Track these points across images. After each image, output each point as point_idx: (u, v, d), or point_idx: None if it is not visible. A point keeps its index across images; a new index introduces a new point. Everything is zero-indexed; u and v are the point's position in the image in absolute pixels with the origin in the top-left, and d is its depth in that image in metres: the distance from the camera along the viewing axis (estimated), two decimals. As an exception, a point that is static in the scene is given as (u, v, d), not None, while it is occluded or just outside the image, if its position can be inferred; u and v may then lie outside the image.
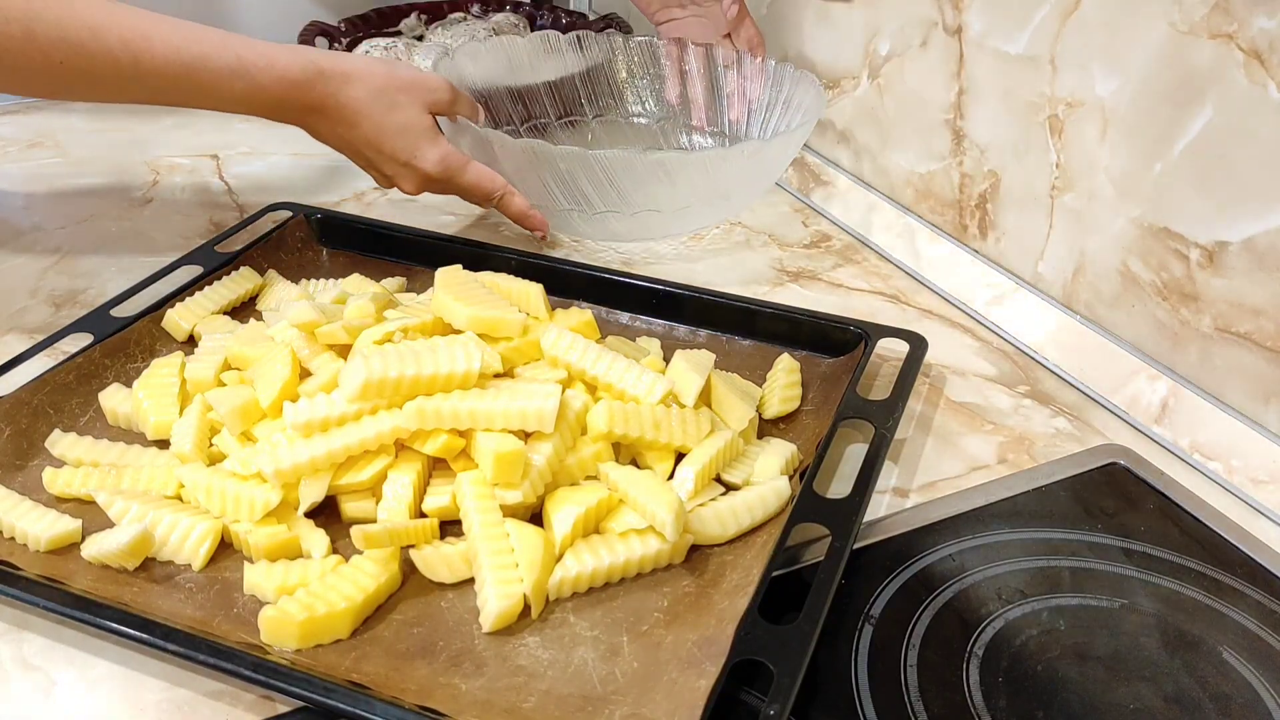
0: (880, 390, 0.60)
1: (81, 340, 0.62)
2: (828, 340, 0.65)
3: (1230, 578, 0.51)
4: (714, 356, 0.60)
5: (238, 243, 0.73)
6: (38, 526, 0.49)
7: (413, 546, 0.50)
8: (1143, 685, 0.46)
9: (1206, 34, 0.57)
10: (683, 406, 0.55)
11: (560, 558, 0.49)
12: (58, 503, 0.52)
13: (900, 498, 0.56)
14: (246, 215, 0.78)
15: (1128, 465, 0.58)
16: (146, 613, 0.45)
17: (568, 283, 0.69)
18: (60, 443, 0.55)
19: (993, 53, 0.71)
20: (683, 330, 0.68)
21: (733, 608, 0.46)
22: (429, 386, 0.51)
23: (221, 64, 0.63)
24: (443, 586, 0.49)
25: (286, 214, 0.76)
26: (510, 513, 0.50)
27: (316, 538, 0.50)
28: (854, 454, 0.57)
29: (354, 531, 0.49)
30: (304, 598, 0.46)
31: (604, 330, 0.64)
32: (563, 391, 0.52)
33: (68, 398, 0.59)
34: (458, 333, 0.57)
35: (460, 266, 0.63)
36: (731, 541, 0.51)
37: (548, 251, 0.79)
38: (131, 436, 0.57)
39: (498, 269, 0.67)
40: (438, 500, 0.51)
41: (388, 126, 0.69)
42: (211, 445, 0.55)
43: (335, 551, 0.50)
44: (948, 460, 0.59)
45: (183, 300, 0.66)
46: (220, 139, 0.96)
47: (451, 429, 0.51)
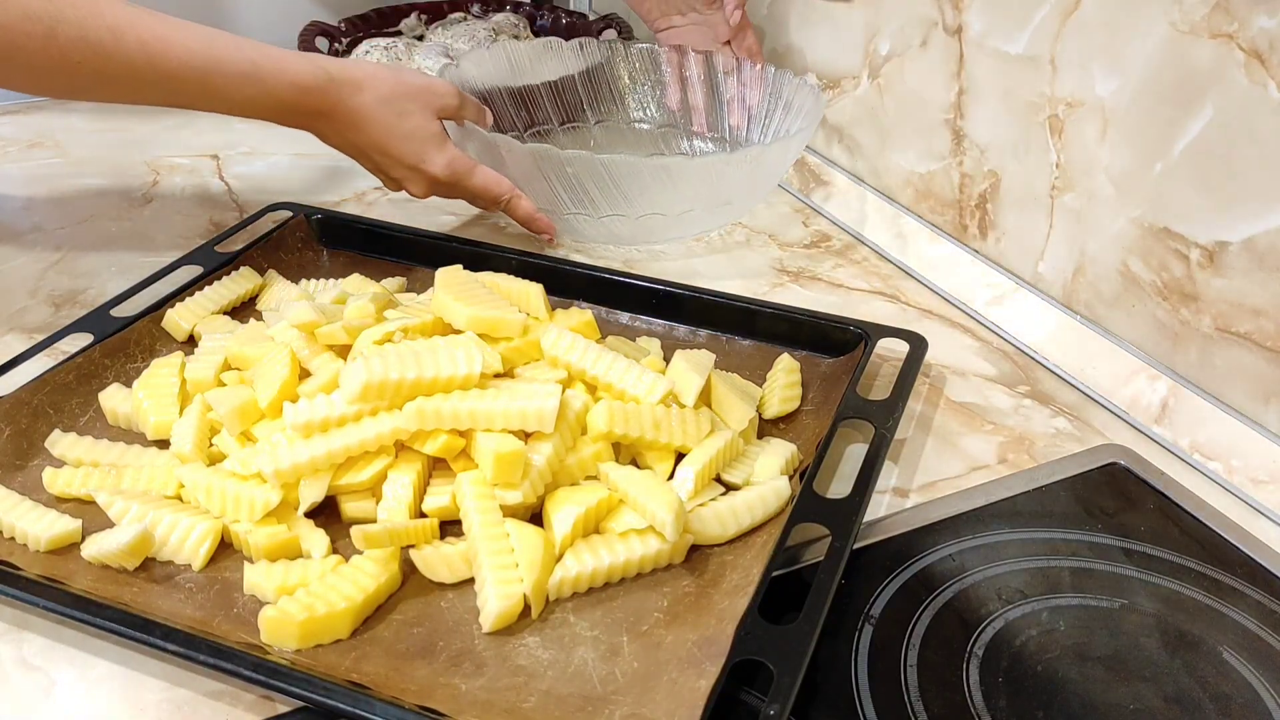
0: (880, 390, 0.60)
1: (81, 340, 0.62)
2: (828, 340, 0.65)
3: (1230, 578, 0.51)
4: (714, 356, 0.60)
5: (238, 243, 0.73)
6: (38, 526, 0.49)
7: (413, 546, 0.50)
8: (1143, 685, 0.46)
9: (1206, 34, 0.57)
10: (683, 406, 0.55)
11: (560, 558, 0.49)
12: (58, 503, 0.52)
13: (900, 498, 0.56)
14: (246, 215, 0.78)
15: (1128, 465, 0.58)
16: (146, 613, 0.45)
17: (568, 283, 0.69)
18: (60, 443, 0.55)
19: (993, 53, 0.71)
20: (683, 330, 0.68)
21: (733, 608, 0.46)
22: (429, 389, 0.51)
23: (235, 69, 0.64)
24: (443, 586, 0.49)
25: (286, 214, 0.76)
26: (510, 513, 0.50)
27: (316, 538, 0.50)
28: (854, 454, 0.57)
29: (354, 531, 0.49)
30: (304, 598, 0.46)
31: (604, 330, 0.64)
32: (563, 391, 0.52)
33: (68, 398, 0.59)
34: (458, 333, 0.57)
35: (460, 266, 0.63)
36: (731, 541, 0.51)
37: (548, 251, 0.79)
38: (131, 436, 0.57)
39: (498, 269, 0.67)
40: (438, 500, 0.51)
41: (396, 132, 0.70)
42: (211, 445, 0.55)
43: (335, 551, 0.50)
44: (948, 460, 0.59)
45: (183, 300, 0.66)
46: (220, 139, 0.96)
47: (451, 429, 0.51)
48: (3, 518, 0.50)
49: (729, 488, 0.54)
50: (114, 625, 0.44)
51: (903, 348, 0.63)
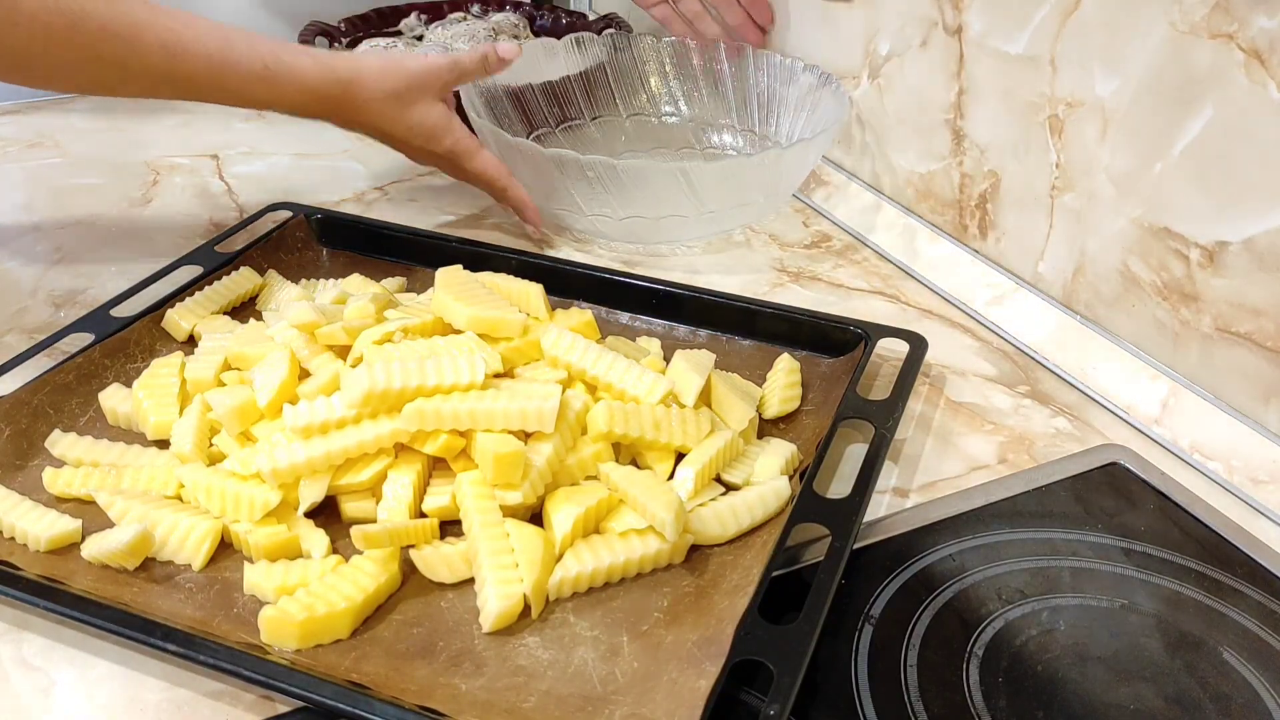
0: (880, 390, 0.60)
1: (81, 340, 0.62)
2: (828, 340, 0.65)
3: (1230, 578, 0.51)
4: (714, 356, 0.60)
5: (238, 243, 0.73)
6: (38, 526, 0.49)
7: (413, 546, 0.50)
8: (1143, 685, 0.46)
9: (1206, 34, 0.57)
10: (683, 406, 0.55)
11: (560, 558, 0.49)
12: (58, 503, 0.52)
13: (900, 498, 0.56)
14: (246, 215, 0.78)
15: (1128, 465, 0.58)
16: (146, 613, 0.45)
17: (568, 283, 0.69)
18: (60, 443, 0.55)
19: (993, 53, 0.71)
20: (683, 330, 0.68)
21: (733, 608, 0.46)
22: (431, 395, 0.51)
23: (248, 70, 0.66)
24: (443, 586, 0.49)
25: (286, 214, 0.76)
26: (510, 513, 0.50)
27: (316, 538, 0.50)
28: (854, 454, 0.57)
29: (354, 531, 0.49)
30: (304, 598, 0.46)
31: (604, 330, 0.64)
32: (563, 391, 0.52)
33: (68, 398, 0.59)
34: (458, 333, 0.57)
35: (460, 266, 0.63)
36: (731, 541, 0.51)
37: (548, 251, 0.79)
38: (131, 436, 0.57)
39: (498, 269, 0.67)
40: (438, 500, 0.51)
41: (402, 122, 0.73)
42: (211, 445, 0.55)
43: (335, 551, 0.50)
44: (948, 460, 0.59)
45: (183, 300, 0.66)
46: (220, 139, 0.96)
47: (452, 429, 0.51)
48: (3, 518, 0.50)
49: (729, 488, 0.54)
50: (114, 625, 0.44)
51: (903, 348, 0.63)
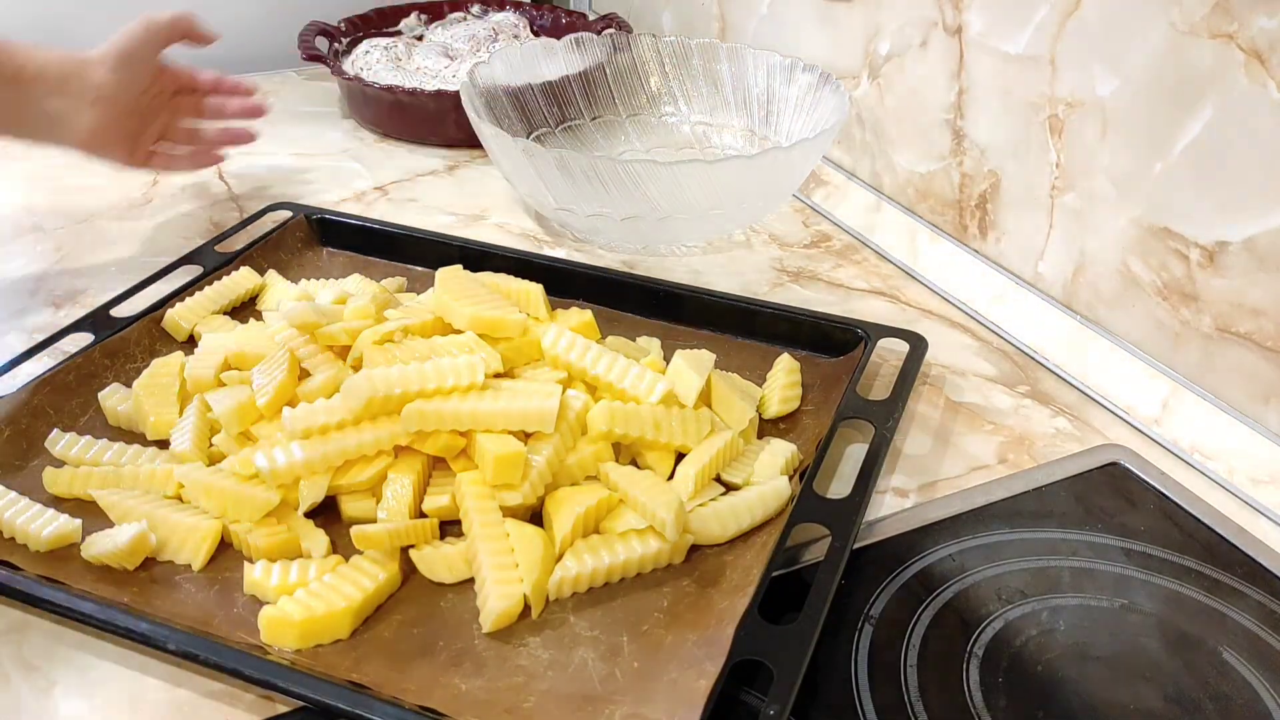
0: (880, 390, 0.60)
1: (81, 340, 0.62)
2: (828, 340, 0.65)
3: (1230, 578, 0.51)
4: (714, 356, 0.60)
5: (238, 243, 0.73)
6: (37, 526, 0.49)
7: (413, 546, 0.50)
8: (1143, 685, 0.46)
9: (1206, 34, 0.57)
10: (683, 406, 0.55)
11: (560, 558, 0.49)
12: (58, 503, 0.52)
13: (900, 498, 0.56)
14: (246, 215, 0.78)
15: (1128, 465, 0.58)
16: (146, 613, 0.45)
17: (568, 283, 0.69)
18: (60, 443, 0.55)
19: (993, 53, 0.71)
20: (683, 330, 0.68)
21: (733, 608, 0.46)
22: (431, 397, 0.51)
23: None
24: (443, 586, 0.49)
25: (286, 214, 0.76)
26: (510, 513, 0.50)
27: (316, 538, 0.50)
28: (854, 454, 0.57)
29: (354, 531, 0.49)
30: (304, 598, 0.46)
31: (604, 330, 0.64)
32: (563, 392, 0.52)
33: (68, 398, 0.59)
34: (458, 333, 0.57)
35: (460, 266, 0.63)
36: (731, 541, 0.51)
37: (548, 251, 0.79)
38: (131, 436, 0.57)
39: (498, 269, 0.67)
40: (438, 500, 0.51)
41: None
42: (211, 445, 0.55)
43: (335, 551, 0.50)
44: (948, 460, 0.59)
45: (183, 300, 0.66)
46: (220, 139, 0.96)
47: (452, 430, 0.51)
48: (3, 518, 0.50)
49: (729, 488, 0.54)
50: (114, 625, 0.44)
51: (903, 348, 0.63)
